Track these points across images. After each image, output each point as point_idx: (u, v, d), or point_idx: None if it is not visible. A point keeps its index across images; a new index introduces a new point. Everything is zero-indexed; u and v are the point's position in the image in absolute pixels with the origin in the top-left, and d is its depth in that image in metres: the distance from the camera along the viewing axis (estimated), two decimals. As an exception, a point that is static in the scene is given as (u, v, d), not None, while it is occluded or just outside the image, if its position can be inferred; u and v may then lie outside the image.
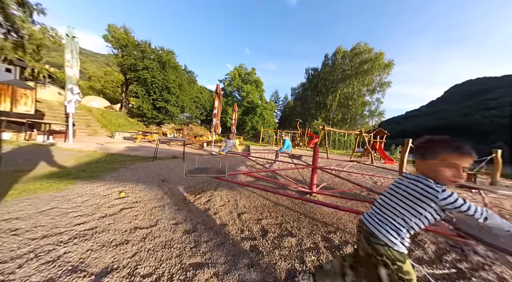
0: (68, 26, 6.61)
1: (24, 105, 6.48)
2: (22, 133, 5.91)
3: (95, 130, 11.42)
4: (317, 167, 2.89)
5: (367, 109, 24.32)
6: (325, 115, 26.12)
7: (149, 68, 17.52)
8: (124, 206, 2.06)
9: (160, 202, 2.27)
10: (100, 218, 1.75)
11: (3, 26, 8.52)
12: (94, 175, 3.04)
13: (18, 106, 6.33)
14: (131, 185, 2.79)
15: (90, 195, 2.27)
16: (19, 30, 8.93)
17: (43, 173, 2.95)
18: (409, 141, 6.30)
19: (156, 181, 3.10)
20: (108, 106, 19.35)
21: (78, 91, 6.90)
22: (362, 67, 23.11)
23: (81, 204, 2.00)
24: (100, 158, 4.57)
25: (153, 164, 4.32)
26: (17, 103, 6.29)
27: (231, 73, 26.81)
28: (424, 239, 1.92)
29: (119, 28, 19.35)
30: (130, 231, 1.58)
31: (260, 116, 24.01)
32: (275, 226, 1.92)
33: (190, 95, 22.79)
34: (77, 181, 2.70)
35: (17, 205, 1.88)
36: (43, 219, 1.64)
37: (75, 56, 6.72)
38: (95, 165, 3.75)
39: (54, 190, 2.32)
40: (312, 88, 28.95)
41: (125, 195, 2.35)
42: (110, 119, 14.24)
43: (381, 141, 12.02)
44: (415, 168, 0.88)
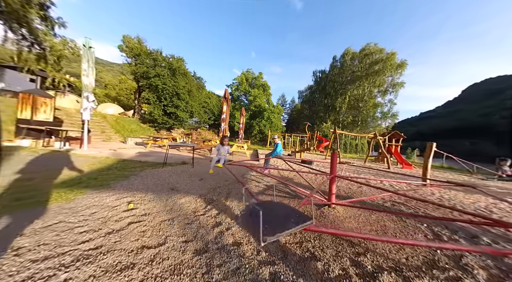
0: (85, 37, 6.93)
1: (43, 113, 6.79)
2: (41, 140, 6.16)
3: (109, 136, 11.82)
4: (336, 176, 2.64)
5: (379, 111, 23.40)
6: (335, 118, 25.46)
7: (160, 75, 18.12)
8: (132, 219, 1.95)
9: (169, 215, 2.13)
10: (106, 235, 1.63)
11: (28, 39, 9.16)
12: (104, 184, 2.99)
13: (38, 114, 6.65)
14: (140, 194, 2.69)
15: (99, 206, 2.18)
16: (41, 42, 9.54)
17: (56, 181, 2.95)
18: (433, 145, 5.82)
19: (166, 190, 2.99)
20: (121, 113, 20.14)
21: (93, 99, 7.15)
22: (372, 68, 22.41)
23: (88, 217, 1.91)
24: (112, 164, 4.59)
25: (162, 171, 4.26)
26: (37, 111, 6.61)
27: (238, 78, 27.11)
28: (470, 263, 1.61)
29: (133, 38, 20.34)
30: (136, 251, 1.44)
31: (268, 120, 23.87)
32: (295, 245, 1.70)
33: (199, 100, 23.23)
34: (87, 190, 2.65)
35: (26, 217, 1.82)
36: (47, 235, 1.55)
37: (91, 65, 7.00)
38: (106, 172, 3.73)
39: (63, 200, 2.26)
40: (320, 91, 28.48)
41: (134, 207, 2.24)
42: (123, 125, 14.73)
43: (397, 144, 11.37)
44: None
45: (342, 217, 2.44)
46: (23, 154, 4.63)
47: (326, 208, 2.66)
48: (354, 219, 2.44)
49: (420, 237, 2.16)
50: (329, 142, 11.94)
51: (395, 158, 10.59)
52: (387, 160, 8.42)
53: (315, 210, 2.62)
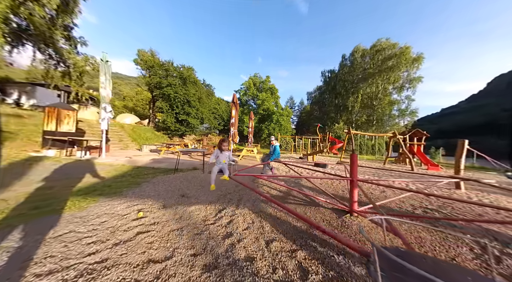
0: (102, 52, 7.40)
1: (67, 124, 7.28)
2: (64, 150, 6.57)
3: (126, 144, 12.40)
4: (358, 179, 2.38)
5: (395, 109, 22.08)
6: (347, 118, 24.51)
7: (172, 84, 18.89)
8: (140, 229, 1.87)
9: (178, 224, 2.03)
10: (113, 246, 1.56)
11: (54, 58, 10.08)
12: (117, 191, 3.01)
13: (62, 126, 7.14)
14: (151, 201, 2.65)
15: (109, 215, 2.15)
16: (66, 60, 10.43)
17: (73, 189, 3.03)
18: (465, 142, 5.23)
19: (176, 197, 2.93)
20: (138, 122, 21.20)
21: (110, 109, 7.54)
22: (385, 64, 21.37)
23: (98, 227, 1.87)
24: (126, 171, 4.70)
25: (174, 177, 4.25)
26: (61, 123, 7.10)
27: (246, 82, 27.41)
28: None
29: (147, 51, 21.62)
30: (142, 266, 1.34)
31: (277, 123, 23.65)
32: (316, 262, 1.49)
33: (208, 107, 23.78)
34: (100, 198, 2.67)
35: (39, 226, 1.82)
36: (56, 246, 1.51)
37: (108, 78, 7.42)
38: (120, 180, 3.80)
39: (76, 208, 2.28)
40: (330, 91, 27.74)
41: (143, 215, 2.18)
42: (139, 134, 15.42)
43: (419, 144, 10.49)
44: None
45: (368, 227, 2.17)
46: (48, 163, 4.92)
47: (347, 217, 2.40)
48: (381, 229, 2.14)
49: (465, 251, 1.82)
50: (343, 143, 11.38)
51: (419, 158, 9.75)
52: (410, 161, 7.74)
53: (336, 219, 2.37)
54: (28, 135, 7.34)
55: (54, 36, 9.06)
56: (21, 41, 9.50)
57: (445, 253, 1.76)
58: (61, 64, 10.42)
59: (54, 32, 9.44)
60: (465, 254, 1.76)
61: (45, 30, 8.95)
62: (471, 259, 1.69)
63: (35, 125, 8.09)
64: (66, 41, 10.29)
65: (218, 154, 2.89)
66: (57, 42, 9.54)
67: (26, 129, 7.63)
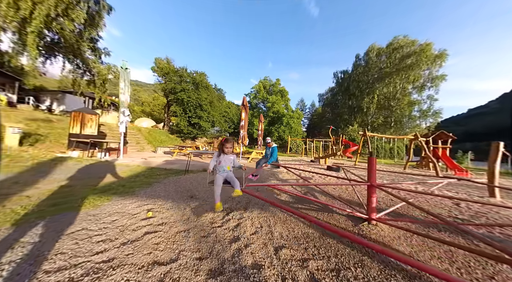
0: (122, 60, 7.91)
1: (90, 128, 7.83)
2: (87, 151, 7.05)
3: (143, 146, 13.01)
4: (377, 185, 2.17)
5: (416, 109, 20.65)
6: (362, 120, 23.44)
7: (185, 89, 19.66)
8: (148, 229, 1.87)
9: (186, 225, 2.00)
10: (121, 246, 1.55)
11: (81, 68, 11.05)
12: (130, 191, 3.09)
13: (85, 129, 7.69)
14: (161, 202, 2.67)
15: (120, 213, 2.19)
16: (91, 69, 11.35)
17: (90, 188, 3.18)
18: (499, 145, 4.67)
19: (185, 197, 2.93)
20: (154, 126, 22.25)
21: (128, 113, 7.97)
22: (404, 62, 20.21)
23: (108, 225, 1.90)
24: (141, 172, 4.87)
25: (184, 178, 4.30)
26: (85, 126, 7.65)
27: (256, 86, 27.60)
28: None
29: (163, 59, 22.85)
30: (147, 268, 1.30)
31: (287, 125, 23.34)
32: (330, 274, 1.35)
33: (219, 110, 24.28)
34: (114, 197, 2.75)
35: (55, 222, 1.90)
36: (67, 243, 1.55)
37: (127, 84, 7.89)
38: (134, 180, 3.93)
39: (91, 206, 2.36)
40: (343, 92, 26.87)
41: (152, 215, 2.19)
42: (155, 137, 16.13)
43: (445, 147, 9.63)
44: None
45: (389, 238, 1.95)
46: (70, 163, 5.29)
47: (365, 225, 2.19)
48: (405, 241, 1.92)
49: (506, 268, 1.54)
50: (358, 146, 10.82)
51: (444, 163, 8.92)
52: (435, 165, 7.08)
53: (352, 227, 2.17)
54: (56, 138, 8.01)
55: (81, 48, 9.98)
56: (53, 53, 10.57)
57: (482, 270, 1.51)
58: (87, 73, 11.41)
59: (81, 44, 10.38)
60: (506, 271, 1.49)
61: (74, 42, 9.87)
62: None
63: (62, 129, 8.83)
64: (92, 52, 11.27)
65: (221, 158, 2.21)
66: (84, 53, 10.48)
67: (55, 132, 8.34)
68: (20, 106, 12.32)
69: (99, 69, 11.91)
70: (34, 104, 14.90)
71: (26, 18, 7.93)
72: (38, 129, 8.00)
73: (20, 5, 7.74)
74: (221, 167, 2.20)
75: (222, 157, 2.23)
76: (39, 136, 7.36)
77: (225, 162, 2.22)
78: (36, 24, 7.94)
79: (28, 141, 6.77)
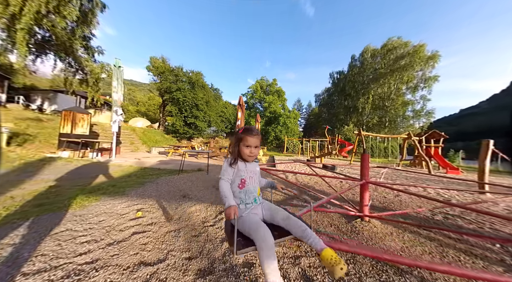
0: (115, 58, 7.74)
1: (81, 127, 7.64)
2: (78, 151, 6.86)
3: (137, 146, 12.78)
4: (369, 182, 2.17)
5: (410, 110, 21.04)
6: (357, 120, 23.72)
7: (181, 89, 19.45)
8: (136, 229, 1.81)
9: (176, 225, 1.95)
10: (106, 246, 1.49)
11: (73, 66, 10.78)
12: (120, 191, 3.01)
13: (77, 129, 7.49)
14: (151, 201, 2.61)
15: (108, 214, 2.12)
16: (84, 68, 11.09)
17: (79, 188, 3.08)
18: (489, 143, 4.77)
19: (177, 197, 2.87)
20: (148, 126, 21.91)
21: (121, 112, 7.80)
22: (398, 64, 20.57)
23: (94, 226, 1.83)
24: (133, 172, 4.77)
25: (178, 178, 4.23)
26: (76, 126, 7.46)
27: (253, 86, 27.58)
28: None
29: (158, 58, 22.57)
30: (132, 269, 1.25)
31: (284, 125, 23.40)
32: (322, 271, 1.33)
33: (216, 110, 24.13)
34: (103, 197, 2.67)
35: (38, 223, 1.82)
36: (49, 244, 1.48)
37: (120, 83, 7.72)
38: (125, 180, 3.83)
39: (78, 207, 2.28)
40: (338, 92, 27.14)
41: (142, 215, 2.13)
42: (150, 137, 15.88)
43: (437, 145, 9.81)
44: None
45: (381, 234, 1.95)
46: (60, 163, 5.14)
47: (358, 222, 2.19)
48: (397, 237, 1.92)
49: (495, 262, 1.56)
50: (353, 145, 10.92)
51: (437, 161, 9.09)
52: (427, 164, 7.21)
53: (345, 224, 2.17)
54: (46, 138, 7.77)
55: (73, 46, 9.74)
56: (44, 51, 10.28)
57: (471, 264, 1.52)
58: (79, 71, 11.14)
59: (73, 42, 10.11)
60: (495, 265, 1.52)
61: (66, 40, 9.61)
62: (503, 272, 1.45)
63: (53, 129, 8.58)
64: (85, 50, 11.01)
65: (236, 169, 1.03)
66: (76, 51, 10.22)
67: (45, 132, 8.10)
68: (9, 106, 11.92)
69: (92, 68, 11.63)
70: (24, 103, 14.47)
71: (16, 15, 7.68)
72: (27, 129, 7.74)
73: (10, 1, 7.49)
74: (246, 192, 1.00)
75: (243, 167, 1.05)
76: (28, 136, 7.12)
77: (251, 180, 1.05)
78: (26, 21, 7.69)
79: (16, 141, 6.55)
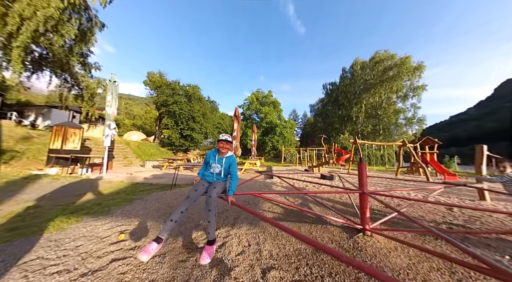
0: (111, 73, 7.83)
1: (72, 142, 7.43)
2: (66, 168, 6.59)
3: (131, 161, 12.44)
4: (369, 192, 2.08)
5: (402, 117, 21.57)
6: (352, 129, 24.08)
7: (177, 102, 19.61)
8: (116, 255, 1.62)
9: (162, 248, 1.77)
10: (79, 278, 1.31)
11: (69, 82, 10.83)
12: (105, 210, 2.80)
13: (68, 144, 7.28)
14: (137, 221, 2.41)
15: (87, 238, 1.92)
16: (79, 84, 11.14)
17: (60, 208, 2.86)
18: (483, 148, 4.82)
19: (167, 215, 2.67)
20: (144, 139, 21.66)
21: (114, 126, 7.69)
22: (387, 74, 21.53)
23: (69, 252, 1.64)
24: (123, 188, 4.53)
25: (170, 193, 4.03)
26: (67, 141, 7.25)
27: (249, 98, 28.12)
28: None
29: (156, 73, 23.08)
30: (104, 306, 1.08)
31: (280, 135, 23.50)
32: (323, 298, 1.18)
33: (212, 122, 24.23)
34: (85, 218, 2.46)
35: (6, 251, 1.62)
36: (14, 277, 1.29)
37: (114, 97, 7.73)
38: (113, 197, 3.61)
39: (55, 230, 2.07)
40: (332, 103, 27.86)
41: (125, 238, 1.94)
42: (144, 150, 15.59)
43: (432, 152, 9.91)
44: None
45: (385, 249, 1.81)
46: (45, 181, 4.86)
47: (360, 236, 2.05)
48: (402, 252, 1.79)
49: None
50: (350, 154, 10.92)
51: (433, 168, 9.09)
52: (425, 170, 7.18)
53: (346, 239, 2.02)
54: (35, 154, 7.49)
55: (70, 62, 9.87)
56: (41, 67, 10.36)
57: (483, 281, 1.39)
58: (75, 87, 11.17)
59: (71, 59, 10.26)
60: None
61: (63, 57, 9.76)
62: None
63: (44, 145, 8.32)
64: (82, 67, 11.16)
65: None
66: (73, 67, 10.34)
67: (34, 148, 7.83)
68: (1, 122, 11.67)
69: (88, 83, 11.69)
70: (16, 119, 14.22)
71: (13, 33, 7.83)
72: (15, 145, 7.48)
73: (8, 21, 7.67)
74: None
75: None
76: (15, 153, 6.85)
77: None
78: (22, 39, 7.82)
79: (1, 159, 6.26)
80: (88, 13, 10.78)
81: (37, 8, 7.76)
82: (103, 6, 10.07)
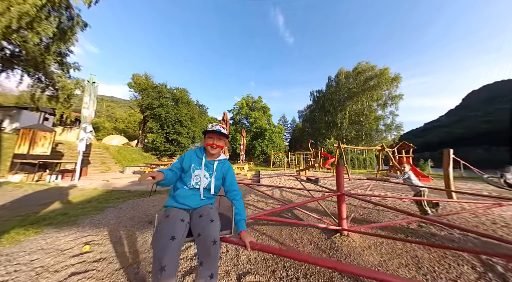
0: (90, 74, 7.44)
1: (41, 147, 6.80)
2: (33, 174, 5.97)
3: (109, 166, 11.66)
4: (345, 193, 2.15)
5: (382, 124, 23.06)
6: (337, 134, 25.12)
7: (164, 105, 19.03)
8: (77, 268, 1.48)
9: (131, 259, 1.65)
10: (27, 296, 1.17)
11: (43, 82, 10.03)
12: (71, 220, 2.57)
13: (36, 148, 6.64)
14: (106, 231, 2.23)
15: (45, 250, 1.73)
16: (55, 84, 10.36)
17: (19, 219, 2.56)
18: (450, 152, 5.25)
19: (141, 224, 2.52)
20: (125, 143, 20.53)
21: (91, 129, 7.23)
22: (368, 84, 23.07)
23: (22, 267, 1.46)
24: (95, 196, 4.21)
25: (148, 200, 3.81)
26: (35, 145, 6.63)
27: (239, 103, 28.24)
28: None
29: (141, 75, 22.35)
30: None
31: (270, 140, 23.73)
32: (295, 301, 1.17)
33: (201, 126, 23.78)
34: (46, 228, 2.23)
35: None
36: None
37: (92, 98, 7.31)
38: (82, 206, 3.33)
39: (9, 243, 1.84)
40: (319, 109, 28.99)
41: (89, 249, 1.78)
42: (125, 155, 14.75)
43: (408, 156, 10.62)
44: None
45: (360, 248, 1.87)
46: (6, 189, 4.35)
47: (337, 237, 2.09)
48: (375, 250, 1.86)
49: (467, 270, 1.57)
50: (335, 158, 11.31)
51: (410, 171, 9.71)
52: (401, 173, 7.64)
53: (324, 240, 2.05)
54: (-4, 160, 6.71)
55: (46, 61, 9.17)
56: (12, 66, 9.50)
57: (446, 274, 1.50)
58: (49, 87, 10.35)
59: (46, 58, 9.55)
60: (467, 273, 1.51)
61: (37, 55, 9.05)
62: (475, 279, 1.44)
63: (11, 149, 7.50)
64: (59, 66, 10.42)
65: None
66: (49, 67, 9.60)
67: (-5, 153, 7.03)
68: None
69: (64, 83, 10.89)
70: (-23, 122, 12.74)
71: (-21, 28, 7.14)
72: (-29, 150, 6.66)
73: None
74: None
75: None
76: (-30, 159, 6.08)
77: None
78: (-11, 34, 7.17)
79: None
80: (70, 11, 10.24)
81: (12, 3, 7.22)
82: (87, 5, 9.65)
